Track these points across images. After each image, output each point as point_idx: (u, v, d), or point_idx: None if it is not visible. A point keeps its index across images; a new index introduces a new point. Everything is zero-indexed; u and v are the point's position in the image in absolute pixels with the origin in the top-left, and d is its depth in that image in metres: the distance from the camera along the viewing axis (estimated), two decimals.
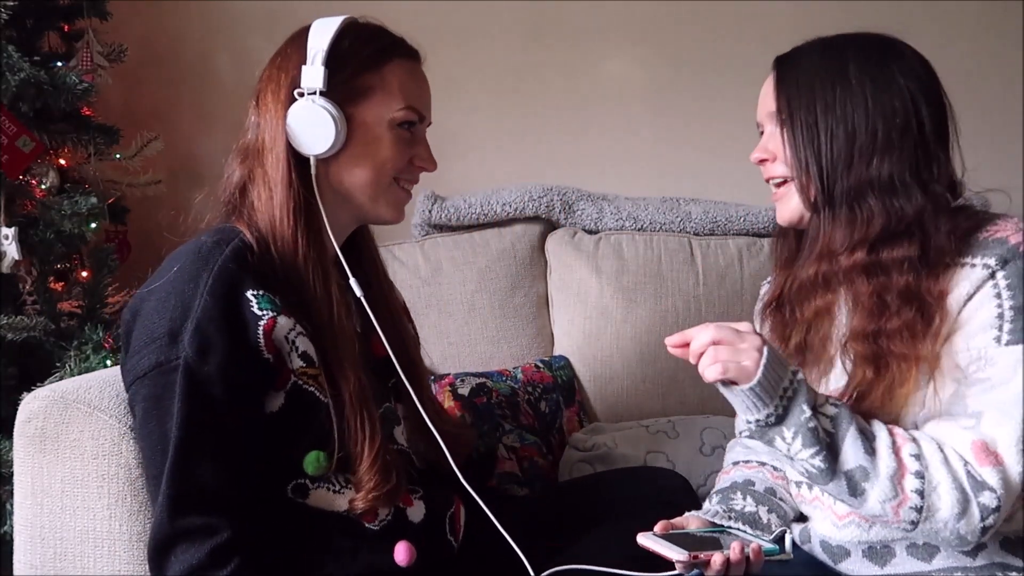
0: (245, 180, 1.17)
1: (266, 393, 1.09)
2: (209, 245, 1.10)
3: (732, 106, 2.27)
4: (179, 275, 1.08)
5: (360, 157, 1.16)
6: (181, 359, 1.03)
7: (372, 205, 1.19)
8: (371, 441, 1.11)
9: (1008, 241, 1.09)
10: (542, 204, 2.04)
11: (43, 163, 1.81)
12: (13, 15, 1.74)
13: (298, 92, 1.14)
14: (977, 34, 2.23)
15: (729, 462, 1.40)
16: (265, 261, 1.11)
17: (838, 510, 1.17)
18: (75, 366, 1.67)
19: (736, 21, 2.24)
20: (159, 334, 1.05)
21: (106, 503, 1.20)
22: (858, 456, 1.04)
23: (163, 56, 2.24)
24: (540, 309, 2.04)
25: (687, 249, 2.02)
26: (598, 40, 2.27)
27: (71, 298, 1.84)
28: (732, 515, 1.23)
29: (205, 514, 1.03)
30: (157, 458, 1.04)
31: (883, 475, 1.04)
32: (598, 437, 1.79)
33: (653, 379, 1.93)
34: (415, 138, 1.21)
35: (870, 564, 1.16)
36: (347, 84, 1.15)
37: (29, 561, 1.23)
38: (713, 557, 1.05)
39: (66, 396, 1.23)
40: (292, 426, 1.10)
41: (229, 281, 1.07)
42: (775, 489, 1.29)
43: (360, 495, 1.11)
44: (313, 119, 1.13)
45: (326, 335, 1.12)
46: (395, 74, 1.18)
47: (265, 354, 1.07)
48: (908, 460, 1.05)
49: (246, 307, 1.07)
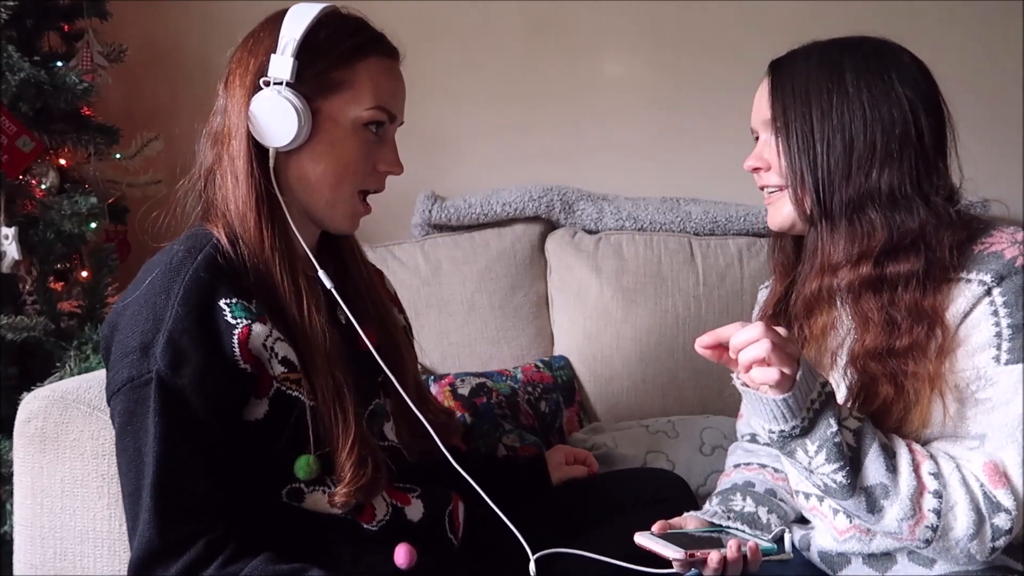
0: (213, 165, 1.14)
1: (247, 402, 1.07)
2: (180, 255, 1.07)
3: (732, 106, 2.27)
4: (151, 287, 1.05)
5: (322, 154, 1.12)
6: (153, 372, 1.01)
7: (329, 210, 1.15)
8: (345, 434, 1.08)
9: (1004, 256, 1.06)
10: (542, 204, 2.04)
11: (43, 163, 1.81)
12: (13, 15, 1.73)
13: (264, 80, 1.10)
14: (977, 34, 2.23)
15: (730, 465, 1.40)
16: (236, 259, 1.08)
17: (838, 524, 1.15)
18: (75, 366, 1.67)
19: (736, 21, 2.24)
20: (131, 348, 1.03)
21: (106, 503, 1.20)
22: (879, 473, 1.02)
23: (163, 56, 2.23)
24: (540, 309, 2.04)
25: (687, 249, 2.02)
26: (598, 40, 2.27)
27: (71, 298, 1.84)
28: (731, 515, 1.22)
29: (195, 520, 1.01)
30: (132, 474, 1.02)
31: (903, 494, 1.02)
32: (598, 437, 1.79)
33: (653, 379, 1.93)
34: (381, 139, 1.16)
35: (870, 570, 1.15)
36: (317, 77, 1.11)
37: (29, 561, 1.23)
38: (710, 555, 1.05)
39: (66, 396, 1.23)
40: (278, 432, 1.08)
41: (201, 291, 1.04)
42: (775, 490, 1.29)
43: (339, 488, 1.09)
44: (276, 110, 1.09)
45: (297, 331, 1.10)
46: (369, 71, 1.13)
47: (241, 364, 1.04)
48: (927, 479, 1.03)
49: (219, 316, 1.04)
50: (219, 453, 1.04)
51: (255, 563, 1.01)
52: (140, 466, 1.01)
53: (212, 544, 1.00)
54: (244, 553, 1.02)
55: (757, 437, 1.37)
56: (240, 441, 1.06)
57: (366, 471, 1.09)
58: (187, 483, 1.01)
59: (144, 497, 1.00)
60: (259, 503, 1.08)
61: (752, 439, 1.39)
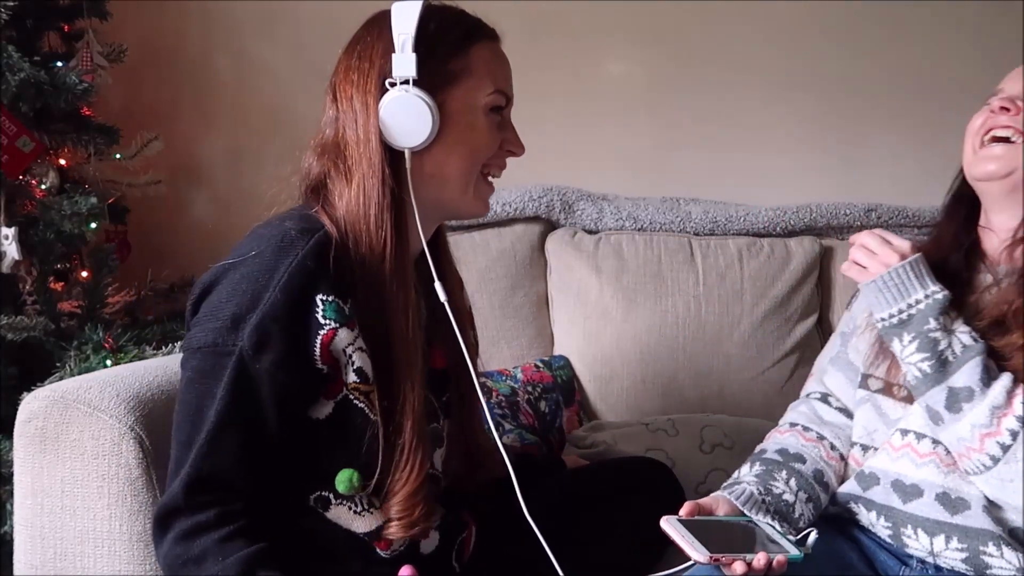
0: (324, 176, 1.11)
1: (315, 400, 1.07)
2: (292, 235, 1.05)
3: (733, 106, 2.28)
4: (257, 261, 1.04)
5: (453, 145, 1.11)
6: (237, 348, 1.02)
7: (461, 198, 1.14)
8: (409, 462, 1.07)
9: None
10: (542, 204, 2.04)
11: (43, 163, 1.81)
12: (13, 15, 1.73)
13: (389, 82, 1.08)
14: (977, 34, 2.23)
15: (787, 421, 1.36)
16: (343, 260, 1.06)
17: (920, 448, 1.18)
18: (75, 366, 1.67)
19: (736, 21, 2.24)
20: (224, 315, 1.03)
21: (106, 503, 1.20)
22: (972, 379, 1.10)
23: (163, 56, 2.23)
24: (540, 309, 2.04)
25: (687, 249, 2.02)
26: (598, 40, 2.27)
27: (71, 298, 1.84)
28: (768, 500, 1.19)
29: (219, 492, 1.03)
30: (187, 427, 1.03)
31: (987, 403, 1.09)
32: (598, 435, 1.79)
33: (653, 379, 1.93)
34: (504, 122, 1.17)
35: (941, 510, 1.15)
36: (436, 71, 1.09)
37: (29, 561, 1.23)
38: (735, 565, 1.03)
39: (66, 396, 1.23)
40: (334, 438, 1.08)
41: (303, 281, 1.03)
42: (823, 472, 1.26)
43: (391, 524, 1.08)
44: (408, 110, 1.07)
45: (396, 350, 1.08)
46: (482, 57, 1.13)
47: (319, 364, 1.04)
48: (1018, 405, 1.08)
49: (313, 312, 1.04)
50: (265, 446, 1.04)
51: (243, 555, 1.00)
52: (197, 424, 1.02)
53: (222, 516, 1.02)
54: (248, 537, 1.02)
55: (829, 398, 1.35)
56: (293, 435, 1.06)
57: (417, 507, 1.08)
58: (227, 461, 1.02)
59: (190, 454, 1.02)
60: (286, 499, 1.08)
61: (823, 399, 1.36)
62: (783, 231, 2.07)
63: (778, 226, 2.06)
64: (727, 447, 1.72)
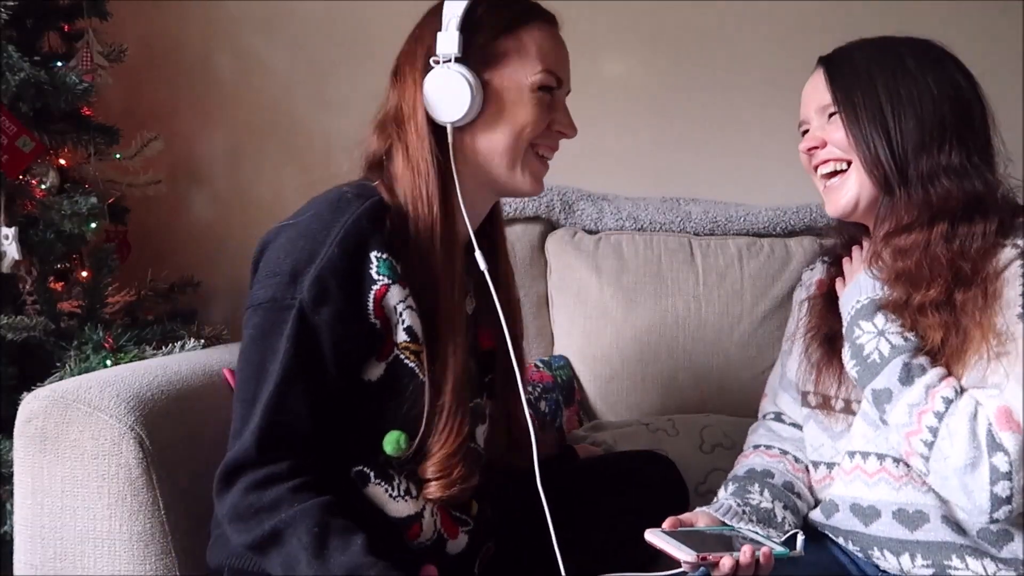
0: (383, 152, 1.17)
1: (368, 360, 1.10)
2: (349, 196, 1.10)
3: (733, 106, 2.27)
4: (313, 219, 1.09)
5: (497, 122, 1.15)
6: (297, 301, 1.05)
7: (509, 175, 1.18)
8: (449, 423, 1.10)
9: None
10: (542, 204, 2.05)
11: (43, 163, 1.80)
12: (13, 15, 1.73)
13: (434, 60, 1.13)
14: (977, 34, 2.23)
15: (750, 445, 1.40)
16: (398, 228, 1.11)
17: (868, 467, 1.19)
18: (75, 366, 1.66)
19: (736, 21, 2.24)
20: (282, 270, 1.07)
21: (106, 503, 1.20)
22: (891, 381, 1.12)
23: (163, 56, 2.23)
24: (540, 309, 2.04)
25: (687, 249, 2.02)
26: (597, 40, 2.27)
27: (71, 298, 1.84)
28: (747, 511, 1.22)
29: (291, 445, 1.05)
30: (251, 384, 1.06)
31: (903, 402, 1.11)
32: (598, 435, 1.79)
33: (653, 379, 1.93)
34: (555, 103, 1.19)
35: (900, 528, 1.16)
36: (483, 49, 1.14)
37: (29, 561, 1.23)
38: (722, 560, 1.04)
39: (66, 396, 1.23)
40: (383, 399, 1.11)
41: (359, 237, 1.07)
42: (793, 483, 1.29)
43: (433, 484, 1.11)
44: (447, 85, 1.12)
45: (441, 314, 1.12)
46: (532, 38, 1.17)
47: (372, 318, 1.08)
48: (937, 401, 1.09)
49: (367, 267, 1.08)
50: (328, 397, 1.07)
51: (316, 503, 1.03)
52: (261, 380, 1.05)
53: (294, 468, 1.04)
54: (316, 488, 1.04)
55: (782, 416, 1.39)
56: (347, 394, 1.09)
57: (455, 468, 1.11)
58: (295, 413, 1.05)
59: (257, 409, 1.04)
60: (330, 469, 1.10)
61: (776, 418, 1.40)
62: (783, 231, 2.07)
63: (778, 226, 2.06)
64: (727, 447, 1.72)
